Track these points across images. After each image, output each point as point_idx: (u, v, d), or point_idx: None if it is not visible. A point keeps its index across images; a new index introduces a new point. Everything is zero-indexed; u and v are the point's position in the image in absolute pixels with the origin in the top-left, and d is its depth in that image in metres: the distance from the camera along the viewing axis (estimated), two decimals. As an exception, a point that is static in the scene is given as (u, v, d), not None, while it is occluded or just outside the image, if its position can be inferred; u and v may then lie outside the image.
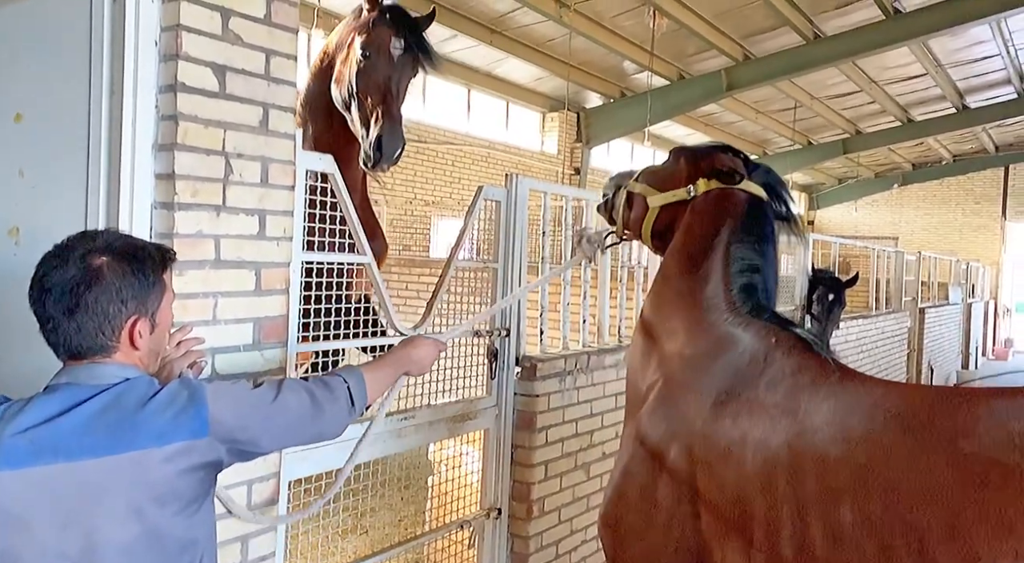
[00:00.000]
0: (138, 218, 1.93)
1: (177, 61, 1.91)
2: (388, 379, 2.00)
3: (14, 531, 1.34)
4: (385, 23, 2.98)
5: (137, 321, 1.49)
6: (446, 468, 3.52)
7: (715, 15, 11.23)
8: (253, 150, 2.10)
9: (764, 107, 17.30)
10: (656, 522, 2.06)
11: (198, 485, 1.48)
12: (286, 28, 2.16)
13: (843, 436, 1.79)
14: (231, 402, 1.54)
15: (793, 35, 12.09)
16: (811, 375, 2.00)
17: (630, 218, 2.55)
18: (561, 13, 10.16)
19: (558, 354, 3.62)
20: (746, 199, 2.31)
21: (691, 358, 2.18)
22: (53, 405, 1.41)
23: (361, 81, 2.95)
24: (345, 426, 1.78)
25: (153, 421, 1.42)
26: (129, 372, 1.49)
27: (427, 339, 2.14)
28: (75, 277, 1.43)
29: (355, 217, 2.59)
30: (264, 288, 2.16)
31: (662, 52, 12.57)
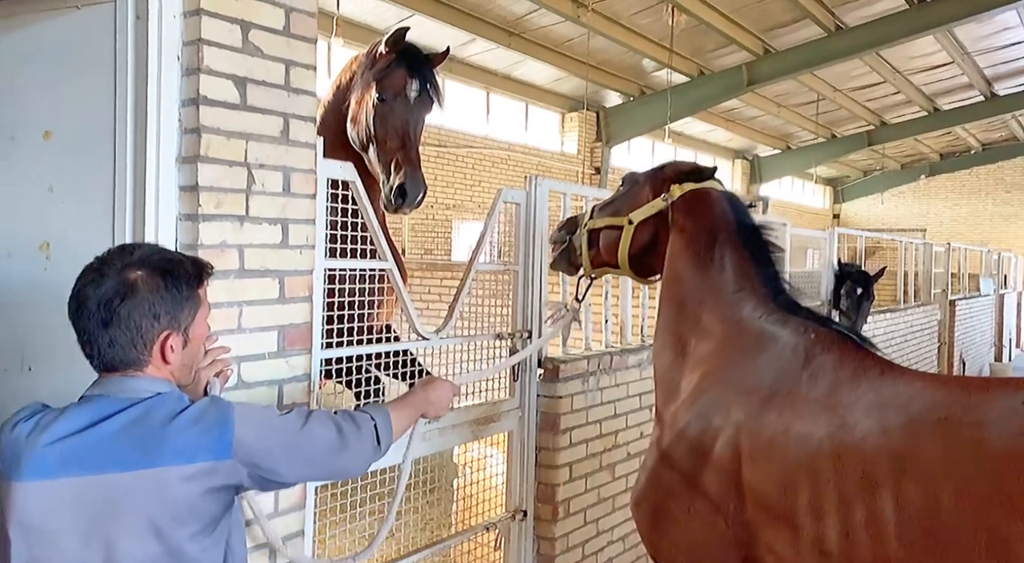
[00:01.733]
0: (164, 230, 1.96)
1: (199, 75, 1.94)
2: (410, 419, 2.02)
3: (41, 541, 1.37)
4: (402, 66, 3.00)
5: (169, 336, 1.52)
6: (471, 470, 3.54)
7: (734, 10, 11.15)
8: (275, 160, 2.13)
9: (786, 101, 17.14)
10: (699, 512, 2.10)
11: (217, 506, 1.49)
12: (305, 39, 2.19)
13: (884, 427, 1.84)
14: (257, 426, 1.54)
15: (814, 27, 11.97)
16: (852, 369, 2.06)
17: (601, 251, 2.61)
18: (578, 13, 10.16)
19: (580, 355, 3.62)
20: (723, 194, 2.44)
21: (731, 355, 2.23)
22: (84, 416, 1.44)
23: (379, 125, 2.98)
24: (369, 463, 1.77)
25: (178, 438, 1.43)
26: (160, 386, 1.52)
27: (444, 381, 2.16)
28: (110, 291, 1.46)
29: (375, 222, 2.61)
30: (288, 296, 2.19)
31: (681, 49, 12.51)
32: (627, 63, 13.19)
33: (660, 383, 2.42)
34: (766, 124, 19.24)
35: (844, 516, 1.80)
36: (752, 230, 2.37)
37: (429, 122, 10.57)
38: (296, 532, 2.27)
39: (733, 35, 11.76)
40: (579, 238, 2.65)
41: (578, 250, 2.67)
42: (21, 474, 1.39)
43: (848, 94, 16.63)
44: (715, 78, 13.61)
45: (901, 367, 2.24)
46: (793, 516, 1.89)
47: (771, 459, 1.98)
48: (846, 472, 1.83)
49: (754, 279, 2.29)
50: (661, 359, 2.43)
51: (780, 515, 1.93)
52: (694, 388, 2.24)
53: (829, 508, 1.83)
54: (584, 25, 10.47)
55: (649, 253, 2.51)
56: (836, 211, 27.16)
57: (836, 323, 2.42)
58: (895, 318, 8.56)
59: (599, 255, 2.63)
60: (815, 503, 1.86)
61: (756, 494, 1.99)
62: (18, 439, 1.42)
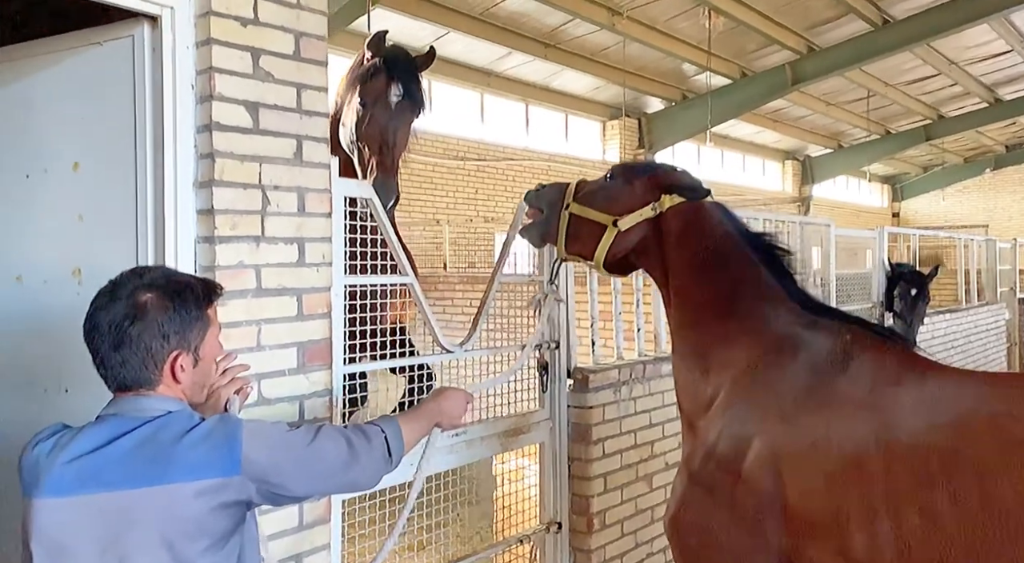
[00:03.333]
0: (183, 253, 2.04)
1: (211, 102, 2.01)
2: (422, 430, 2.01)
3: (60, 556, 1.42)
4: (383, 71, 3.03)
5: (179, 356, 1.56)
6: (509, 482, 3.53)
7: (774, 9, 10.96)
8: (289, 181, 2.19)
9: (835, 98, 16.71)
10: (738, 527, 2.04)
11: (228, 522, 1.51)
12: (315, 62, 2.25)
13: (933, 425, 1.83)
14: (266, 442, 1.56)
15: (859, 22, 11.66)
16: (893, 368, 2.03)
17: (579, 242, 2.52)
18: (613, 21, 10.14)
19: (611, 364, 3.58)
20: (716, 204, 2.41)
21: (759, 362, 2.17)
22: (100, 435, 1.49)
23: (360, 129, 3.03)
24: (381, 476, 1.78)
25: (187, 455, 1.46)
26: (171, 405, 1.56)
27: (457, 391, 2.14)
28: (120, 313, 1.52)
29: (395, 238, 2.65)
30: (306, 313, 2.24)
31: (721, 51, 12.35)
32: (666, 68, 13.08)
33: (685, 397, 2.38)
34: (815, 123, 18.78)
35: (897, 517, 1.77)
36: (757, 236, 2.35)
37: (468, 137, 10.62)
38: (322, 546, 2.31)
39: (774, 35, 11.55)
40: (560, 218, 2.54)
41: (555, 231, 2.56)
42: (41, 491, 1.45)
43: (900, 89, 16.11)
44: (758, 79, 13.37)
45: (942, 365, 2.19)
46: (841, 522, 1.85)
47: (813, 464, 1.94)
48: (896, 472, 1.81)
49: (772, 284, 2.26)
50: (683, 373, 2.38)
51: (826, 522, 1.89)
52: (723, 399, 2.19)
53: (880, 510, 1.80)
54: (620, 32, 10.43)
55: (627, 258, 2.48)
56: (895, 210, 26.27)
57: (869, 322, 2.36)
58: (956, 318, 8.21)
59: (574, 244, 2.54)
60: (864, 506, 1.82)
61: (799, 502, 1.94)
62: (38, 458, 1.49)
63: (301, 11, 2.21)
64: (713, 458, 2.12)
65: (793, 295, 2.26)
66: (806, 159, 21.47)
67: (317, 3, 2.24)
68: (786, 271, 2.31)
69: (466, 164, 11.40)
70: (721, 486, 2.08)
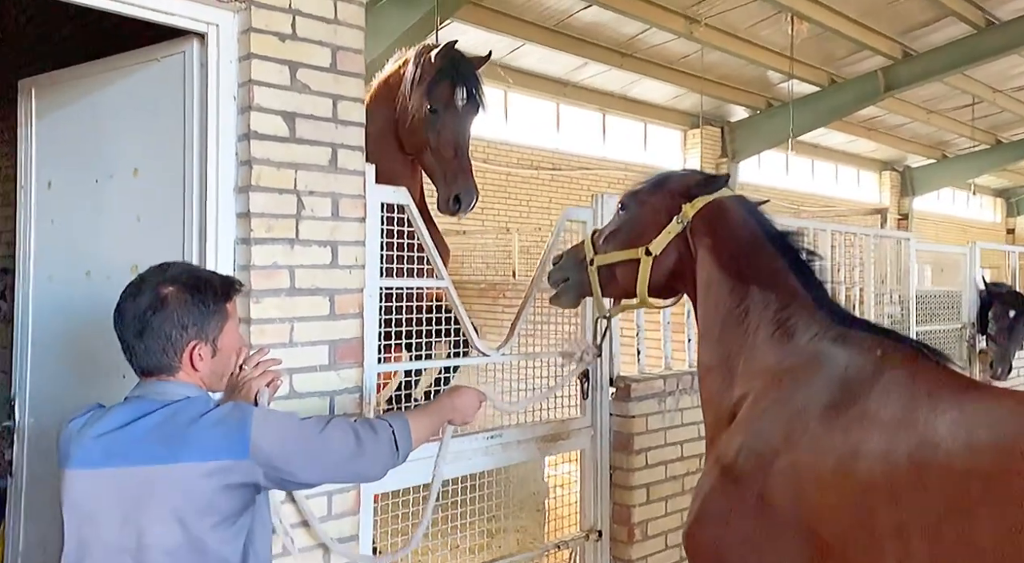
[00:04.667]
0: (223, 253, 2.18)
1: (250, 112, 2.15)
2: (433, 426, 2.05)
3: (86, 524, 1.56)
4: (449, 76, 3.12)
5: (196, 345, 1.68)
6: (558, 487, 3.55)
7: (863, 13, 10.52)
8: (324, 187, 2.30)
9: (936, 106, 15.81)
10: (762, 545, 1.99)
11: (236, 502, 1.61)
12: (352, 74, 2.37)
13: (971, 446, 1.74)
14: (275, 430, 1.65)
15: (961, 25, 11.03)
16: (928, 385, 1.94)
17: (616, 285, 2.43)
18: (691, 29, 9.99)
19: (656, 374, 3.54)
20: (739, 202, 2.32)
21: (785, 375, 2.11)
22: (125, 414, 1.63)
23: (431, 134, 3.14)
24: (387, 469, 1.84)
25: (200, 437, 1.58)
26: (190, 391, 1.68)
27: (470, 389, 2.18)
28: (144, 304, 1.65)
29: (431, 244, 2.73)
30: (338, 312, 2.35)
31: (808, 57, 11.94)
32: (749, 76, 12.76)
33: (709, 408, 2.32)
34: (915, 132, 17.82)
35: (931, 542, 1.69)
36: (783, 238, 2.26)
37: (543, 146, 10.71)
38: (350, 536, 2.40)
39: (865, 40, 11.07)
40: (589, 276, 2.45)
41: (588, 289, 2.48)
42: (71, 463, 1.59)
43: (1011, 94, 15.06)
44: (847, 86, 12.83)
45: (980, 383, 2.07)
46: (868, 542, 1.78)
47: (838, 485, 1.87)
48: (931, 496, 1.72)
49: (800, 292, 2.18)
50: (708, 384, 2.33)
51: (850, 545, 1.82)
52: (746, 413, 2.13)
53: (911, 534, 1.72)
54: (698, 40, 10.27)
55: (670, 280, 2.39)
56: (1011, 226, 24.49)
57: (902, 335, 2.26)
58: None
59: (613, 289, 2.47)
60: (893, 530, 1.75)
61: (821, 523, 1.88)
62: (71, 433, 1.64)
63: (339, 26, 2.32)
64: (732, 474, 2.06)
65: (823, 305, 2.18)
66: (906, 170, 20.39)
67: (354, 18, 2.36)
68: (816, 279, 2.22)
69: (540, 174, 11.47)
70: (739, 504, 2.02)
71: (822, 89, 13.04)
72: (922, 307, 5.80)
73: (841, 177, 19.29)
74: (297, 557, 2.26)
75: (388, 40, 7.99)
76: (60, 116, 2.66)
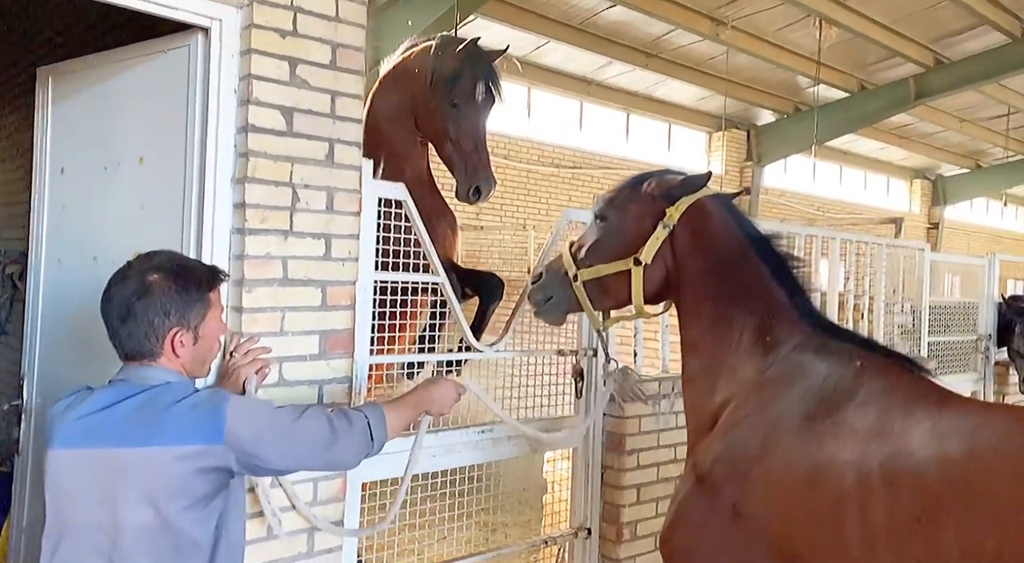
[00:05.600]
0: (218, 242, 2.24)
1: (249, 106, 2.21)
2: (409, 416, 2.08)
3: (65, 502, 1.62)
4: (469, 71, 3.18)
5: (178, 332, 1.73)
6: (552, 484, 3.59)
7: (894, 20, 10.37)
8: (319, 181, 2.36)
9: (971, 115, 15.52)
10: (735, 549, 2.02)
11: (209, 486, 1.66)
12: (351, 71, 2.41)
13: (943, 457, 1.76)
14: (250, 417, 1.71)
15: (995, 34, 10.82)
16: (905, 396, 1.96)
17: (609, 298, 2.38)
18: (718, 31, 9.93)
19: (652, 377, 3.55)
20: (720, 204, 2.29)
21: (766, 385, 2.12)
22: (107, 397, 1.69)
23: (452, 127, 3.21)
24: (360, 458, 1.89)
25: (176, 422, 1.63)
26: (170, 376, 1.74)
27: (447, 381, 2.20)
28: (129, 290, 1.72)
29: (428, 239, 2.77)
30: (330, 304, 2.40)
31: (838, 62, 11.80)
32: (777, 79, 12.64)
33: (691, 416, 2.34)
34: (948, 140, 17.51)
35: (897, 549, 1.72)
36: (766, 243, 2.25)
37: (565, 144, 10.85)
38: (335, 522, 2.45)
39: (896, 46, 10.90)
40: (575, 293, 2.37)
41: (576, 305, 2.41)
42: (54, 443, 1.66)
43: (1048, 105, 14.76)
44: (877, 93, 12.65)
45: (960, 395, 2.07)
46: (837, 551, 1.81)
47: (811, 492, 1.89)
48: (901, 502, 1.75)
49: (783, 301, 2.19)
50: (691, 392, 2.34)
51: (821, 550, 1.85)
52: (726, 421, 2.14)
53: (879, 546, 1.75)
54: (724, 43, 10.20)
55: (661, 287, 2.34)
56: (1046, 239, 23.96)
57: (883, 346, 2.26)
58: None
59: (605, 301, 2.41)
60: (862, 536, 1.77)
61: (798, 527, 1.90)
62: (56, 414, 1.71)
63: (339, 23, 2.37)
64: (708, 481, 2.09)
65: (805, 315, 2.19)
66: (938, 179, 20.04)
67: (356, 16, 2.41)
68: (799, 287, 2.23)
69: (561, 172, 11.48)
70: (714, 511, 2.04)
71: (851, 95, 12.88)
72: (937, 318, 5.73)
73: (870, 184, 19.02)
74: (284, 540, 2.32)
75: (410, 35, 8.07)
76: (74, 104, 2.75)
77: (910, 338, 5.30)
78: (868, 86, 12.81)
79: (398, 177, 3.18)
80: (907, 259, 5.36)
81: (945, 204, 20.17)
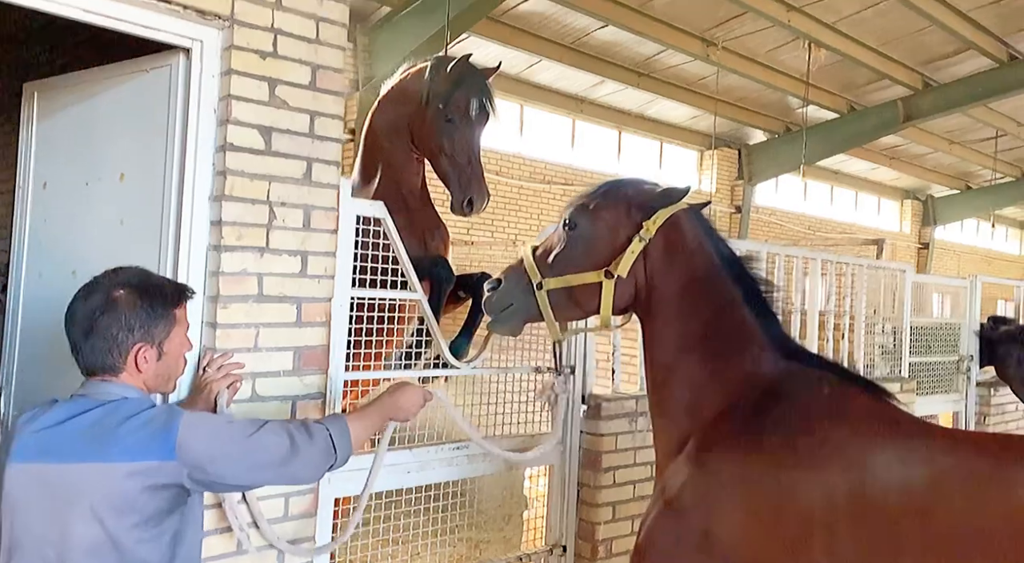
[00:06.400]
0: (195, 258, 2.28)
1: (227, 125, 2.25)
2: (374, 425, 2.05)
3: (18, 517, 1.61)
4: (462, 87, 3.25)
5: (142, 348, 1.73)
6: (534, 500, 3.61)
7: (882, 43, 10.52)
8: (297, 199, 2.40)
9: (959, 137, 15.71)
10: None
11: (161, 503, 1.63)
12: (331, 92, 2.46)
13: (907, 484, 1.79)
14: (204, 432, 1.68)
15: (982, 59, 10.99)
16: (870, 422, 1.98)
17: (575, 308, 2.31)
18: (708, 52, 10.05)
19: (629, 394, 3.59)
20: (696, 222, 2.26)
21: (734, 410, 2.12)
22: (64, 411, 1.68)
23: (447, 141, 3.28)
24: (323, 472, 1.85)
25: (127, 438, 1.61)
26: (129, 391, 1.73)
27: (413, 386, 2.17)
28: (93, 305, 1.71)
29: (406, 257, 2.81)
30: (304, 320, 2.43)
31: (827, 84, 11.95)
32: (767, 100, 12.78)
33: (659, 436, 2.32)
34: (939, 162, 17.69)
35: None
36: (739, 266, 2.24)
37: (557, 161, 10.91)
38: (306, 538, 2.47)
39: (884, 69, 11.05)
40: (540, 299, 2.27)
41: (537, 314, 2.31)
42: (10, 457, 1.64)
43: (1035, 128, 14.94)
44: (866, 114, 12.81)
45: (925, 422, 2.11)
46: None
47: (781, 517, 1.90)
48: (866, 530, 1.76)
49: (752, 326, 2.19)
50: (659, 413, 2.31)
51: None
52: (696, 443, 2.13)
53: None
54: (715, 63, 10.33)
55: (630, 302, 2.29)
56: (1037, 261, 24.15)
57: (850, 371, 2.29)
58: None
59: (570, 312, 2.35)
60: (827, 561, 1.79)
61: (766, 554, 1.91)
62: (17, 426, 1.70)
63: (320, 46, 2.42)
64: (677, 507, 2.06)
65: (773, 339, 2.19)
66: (928, 199, 20.21)
67: (336, 39, 2.46)
68: (768, 310, 2.23)
69: (552, 188, 11.56)
70: (683, 537, 2.03)
71: (841, 116, 13.02)
72: (919, 339, 5.78)
73: (861, 204, 19.16)
74: (253, 555, 2.33)
75: (403, 53, 8.15)
76: (58, 120, 2.79)
77: (891, 358, 5.35)
78: (857, 107, 12.97)
79: (393, 190, 3.29)
80: (889, 280, 5.42)
81: (936, 224, 20.34)
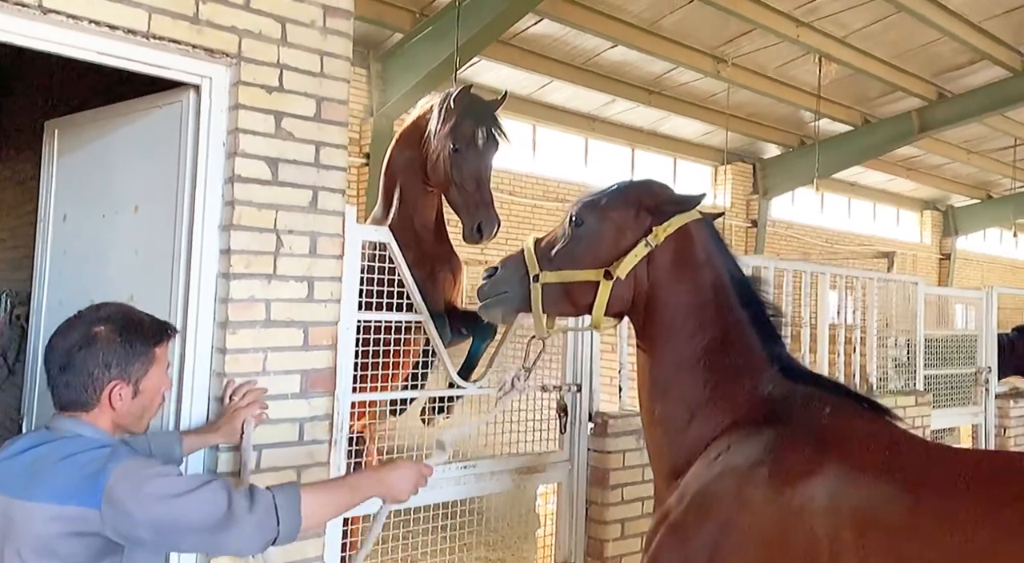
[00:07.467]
0: (205, 286, 2.36)
1: (236, 157, 2.35)
2: (343, 502, 1.83)
3: None
4: (469, 118, 3.34)
5: (117, 385, 1.70)
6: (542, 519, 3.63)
7: (894, 56, 10.52)
8: (303, 226, 2.48)
9: (977, 146, 15.60)
10: None
11: (83, 551, 1.54)
12: (335, 123, 2.55)
13: (913, 506, 1.75)
14: (134, 483, 1.55)
15: (996, 68, 10.94)
16: (873, 444, 1.95)
17: (568, 304, 2.24)
18: (719, 69, 10.11)
19: (636, 411, 3.60)
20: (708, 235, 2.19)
21: (736, 431, 2.10)
22: (25, 443, 1.67)
23: (455, 171, 3.38)
24: (261, 546, 1.65)
25: (56, 479, 1.55)
26: (84, 429, 1.67)
27: (410, 465, 2.01)
28: (73, 339, 1.70)
29: (411, 279, 2.88)
30: (311, 344, 2.50)
31: (840, 97, 11.95)
32: (780, 114, 12.80)
33: (657, 457, 2.29)
34: (957, 172, 17.55)
35: None
36: (747, 287, 2.21)
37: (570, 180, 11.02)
38: (315, 558, 2.52)
39: (896, 81, 11.04)
40: (535, 293, 2.22)
41: (527, 305, 2.26)
42: None
43: (1055, 136, 14.80)
44: (880, 126, 12.78)
45: (930, 442, 2.08)
46: None
47: (787, 541, 1.87)
48: (871, 553, 1.73)
49: (756, 347, 2.16)
50: (658, 432, 2.27)
51: None
52: (697, 469, 2.10)
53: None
54: (726, 80, 10.38)
55: (625, 307, 2.24)
56: (1060, 271, 23.74)
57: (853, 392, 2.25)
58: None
59: (563, 307, 2.28)
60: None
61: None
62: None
63: (324, 79, 2.52)
64: (681, 531, 2.03)
65: (776, 360, 2.16)
66: (948, 210, 20.02)
67: (340, 72, 2.55)
68: (773, 332, 2.20)
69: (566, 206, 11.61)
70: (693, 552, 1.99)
71: (855, 128, 12.99)
72: (936, 351, 5.73)
73: (880, 216, 19.03)
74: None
75: (416, 77, 8.32)
76: (77, 155, 2.91)
77: (905, 371, 5.32)
78: (871, 120, 12.94)
79: (407, 224, 3.39)
80: (901, 292, 5.40)
81: (957, 235, 20.12)
